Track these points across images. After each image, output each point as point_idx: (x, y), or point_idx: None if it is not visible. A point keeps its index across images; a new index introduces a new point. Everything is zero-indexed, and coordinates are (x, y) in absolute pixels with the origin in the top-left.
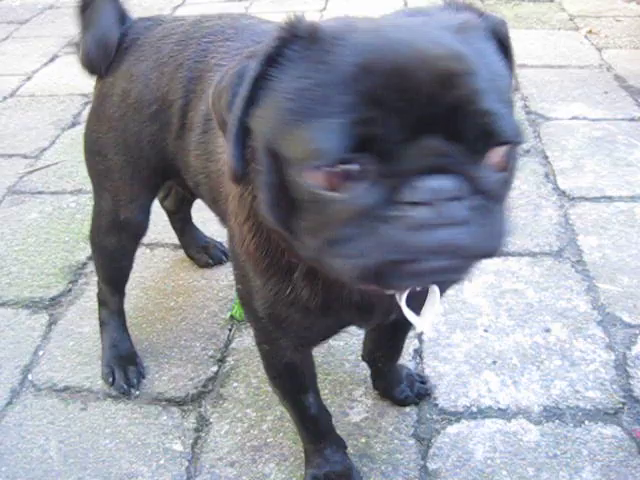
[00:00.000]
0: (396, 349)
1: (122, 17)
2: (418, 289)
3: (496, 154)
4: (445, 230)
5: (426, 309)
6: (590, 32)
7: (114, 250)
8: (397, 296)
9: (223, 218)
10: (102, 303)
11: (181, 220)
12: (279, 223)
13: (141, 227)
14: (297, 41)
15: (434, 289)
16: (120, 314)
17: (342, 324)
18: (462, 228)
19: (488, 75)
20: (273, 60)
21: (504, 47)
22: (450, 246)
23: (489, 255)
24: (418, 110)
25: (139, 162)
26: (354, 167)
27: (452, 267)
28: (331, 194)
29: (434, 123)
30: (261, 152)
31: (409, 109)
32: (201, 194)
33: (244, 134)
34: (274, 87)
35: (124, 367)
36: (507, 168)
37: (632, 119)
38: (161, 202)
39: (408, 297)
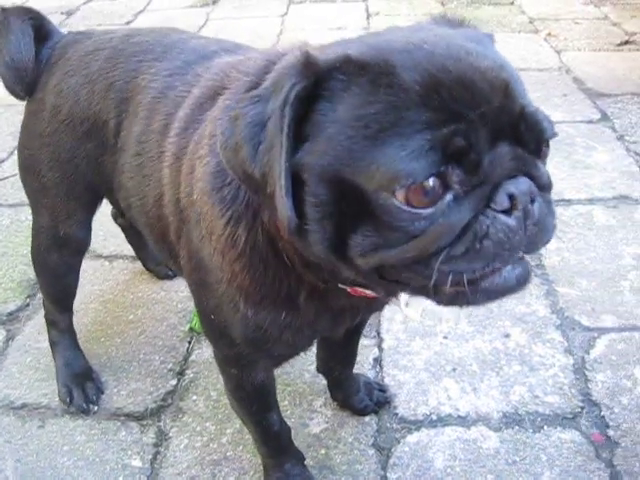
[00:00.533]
0: (351, 355)
1: (44, 34)
2: None
3: (544, 151)
4: (531, 229)
5: (412, 299)
6: (549, 35)
7: (57, 267)
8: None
9: (164, 246)
10: (51, 323)
11: (136, 235)
12: (330, 251)
13: (82, 243)
14: (336, 73)
15: None
16: (70, 332)
17: (318, 335)
18: (540, 225)
19: (519, 80)
20: (307, 98)
21: None
22: (536, 243)
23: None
24: (492, 120)
25: (74, 178)
26: (438, 182)
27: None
28: (419, 211)
29: (504, 131)
30: (315, 186)
31: (484, 120)
32: (133, 216)
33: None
34: (325, 120)
35: (81, 384)
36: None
37: (590, 121)
38: (115, 218)
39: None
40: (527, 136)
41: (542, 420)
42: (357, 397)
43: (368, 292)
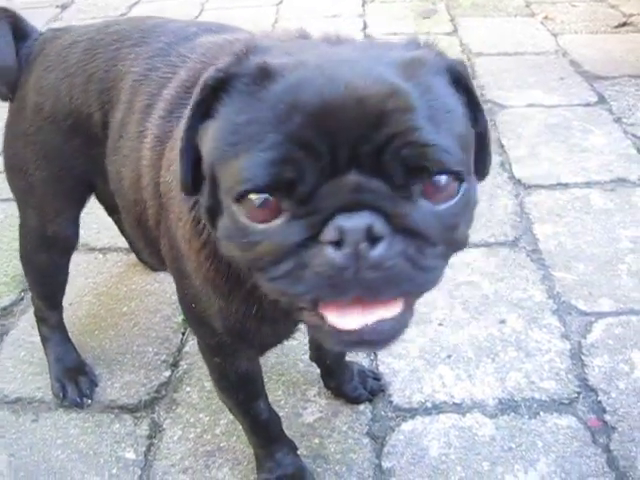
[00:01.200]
0: None
1: (22, 33)
2: None
3: (434, 187)
4: (367, 273)
5: None
6: (546, 18)
7: (46, 267)
8: None
9: (140, 233)
10: (41, 320)
11: None
12: (208, 220)
13: (70, 240)
14: (243, 77)
15: None
16: (61, 327)
17: (298, 327)
18: (384, 272)
19: (429, 110)
20: (218, 91)
21: (464, 87)
22: (378, 290)
23: (412, 295)
24: (343, 150)
25: (62, 175)
26: (272, 203)
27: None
28: (252, 225)
29: (360, 161)
30: (205, 173)
31: (332, 149)
32: (118, 204)
33: (194, 151)
34: (218, 117)
35: (74, 378)
36: (451, 200)
37: (587, 104)
38: (109, 214)
39: None
40: (392, 169)
41: (538, 406)
42: (350, 385)
43: None
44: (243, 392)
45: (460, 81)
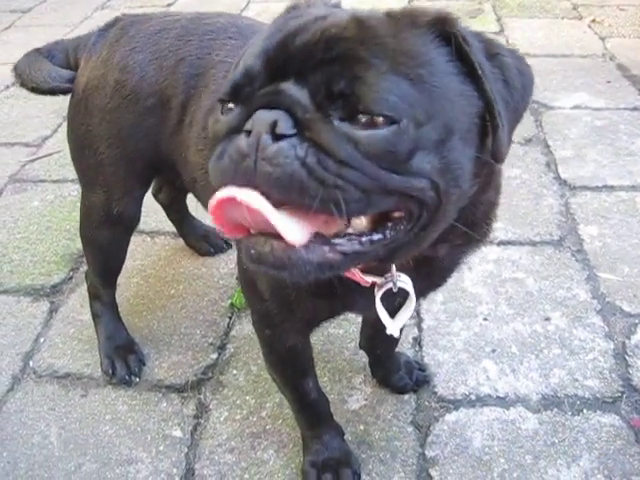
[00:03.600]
0: (394, 336)
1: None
2: (395, 290)
3: (354, 113)
4: (261, 164)
5: (401, 313)
6: (594, 21)
7: (107, 245)
8: (375, 293)
9: None
10: (94, 296)
11: (177, 212)
12: None
13: (135, 220)
14: None
15: (412, 296)
16: (113, 305)
17: (344, 307)
18: (274, 166)
19: (384, 49)
20: None
21: (457, 47)
22: (268, 184)
23: (302, 206)
24: (291, 64)
25: (133, 155)
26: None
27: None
28: (218, 116)
29: (300, 75)
30: None
31: (282, 62)
32: (197, 191)
33: None
34: None
35: (124, 356)
36: (374, 130)
37: (635, 108)
38: (155, 196)
39: (388, 298)
40: (318, 87)
41: (581, 403)
42: (397, 375)
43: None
44: (291, 367)
45: (456, 41)
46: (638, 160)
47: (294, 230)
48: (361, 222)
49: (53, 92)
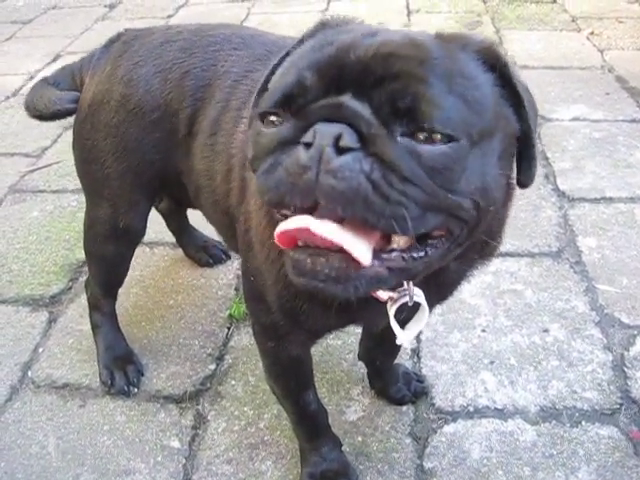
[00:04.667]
0: (394, 348)
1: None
2: (410, 304)
3: (418, 130)
4: (324, 177)
5: (413, 324)
6: (592, 33)
7: (112, 257)
8: (388, 305)
9: (229, 227)
10: (94, 307)
11: (177, 222)
12: None
13: (139, 234)
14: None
15: (424, 307)
16: (113, 316)
17: (352, 320)
18: (339, 180)
19: (442, 70)
20: None
21: (501, 73)
22: (331, 198)
23: (367, 222)
24: (347, 77)
25: (140, 168)
26: (282, 115)
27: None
28: (263, 129)
29: (358, 90)
30: None
31: (338, 76)
32: (200, 202)
33: None
34: None
35: (123, 367)
36: (435, 145)
37: (633, 120)
38: (156, 206)
39: (399, 309)
40: (382, 105)
41: (580, 415)
42: (395, 387)
43: None
44: (294, 379)
45: (497, 66)
46: (636, 172)
47: (364, 250)
48: (403, 239)
49: (56, 116)
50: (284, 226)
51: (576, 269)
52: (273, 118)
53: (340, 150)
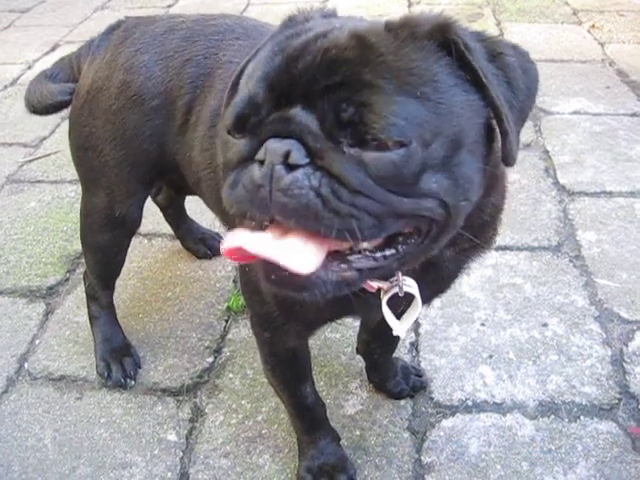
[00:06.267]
0: (392, 341)
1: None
2: (401, 295)
3: (363, 139)
4: (276, 195)
5: (407, 315)
6: (593, 27)
7: (108, 246)
8: (381, 296)
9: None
10: (92, 298)
11: (175, 214)
12: None
13: (136, 223)
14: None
15: (417, 298)
16: (110, 308)
17: (347, 311)
18: (290, 197)
19: (388, 68)
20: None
21: (460, 55)
22: (286, 214)
23: (318, 234)
24: (295, 89)
25: (138, 156)
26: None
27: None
28: (228, 138)
29: (306, 101)
30: None
31: (287, 88)
32: (201, 191)
33: None
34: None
35: (119, 359)
36: (383, 152)
37: (634, 114)
38: (153, 198)
39: (392, 300)
40: (326, 114)
41: (578, 410)
42: (394, 381)
43: None
44: (290, 371)
45: (457, 49)
46: (637, 166)
47: (303, 260)
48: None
49: (50, 109)
50: (225, 244)
51: (576, 263)
52: (237, 135)
53: (290, 167)
